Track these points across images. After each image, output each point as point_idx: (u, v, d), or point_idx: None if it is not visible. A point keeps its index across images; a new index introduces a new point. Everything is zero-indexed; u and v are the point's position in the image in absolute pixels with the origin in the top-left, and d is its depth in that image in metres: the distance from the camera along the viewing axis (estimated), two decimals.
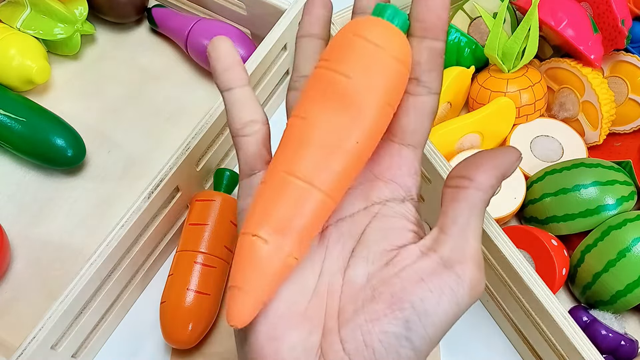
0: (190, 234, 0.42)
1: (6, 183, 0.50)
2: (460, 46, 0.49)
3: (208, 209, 0.42)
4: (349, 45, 0.24)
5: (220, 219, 0.42)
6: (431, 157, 0.40)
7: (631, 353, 0.39)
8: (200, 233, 0.41)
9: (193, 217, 0.42)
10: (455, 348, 0.43)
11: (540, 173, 0.45)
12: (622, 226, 0.41)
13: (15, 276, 0.46)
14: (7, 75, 0.50)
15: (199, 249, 0.41)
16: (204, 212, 0.42)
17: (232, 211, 0.43)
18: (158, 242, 0.45)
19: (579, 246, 0.42)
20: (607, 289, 0.40)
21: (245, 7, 0.52)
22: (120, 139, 0.52)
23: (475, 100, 0.49)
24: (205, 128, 0.42)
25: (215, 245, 0.41)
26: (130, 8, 0.55)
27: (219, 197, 0.43)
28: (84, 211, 0.48)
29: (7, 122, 0.47)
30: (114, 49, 0.57)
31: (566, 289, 0.45)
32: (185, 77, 0.55)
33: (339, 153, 0.23)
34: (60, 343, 0.38)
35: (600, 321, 0.40)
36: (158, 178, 0.40)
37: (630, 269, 0.39)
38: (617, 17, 0.46)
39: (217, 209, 0.42)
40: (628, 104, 0.49)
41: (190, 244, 0.41)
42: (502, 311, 0.42)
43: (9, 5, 0.52)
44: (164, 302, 0.40)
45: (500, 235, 0.37)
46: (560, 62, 0.49)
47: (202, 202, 0.43)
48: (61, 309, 0.36)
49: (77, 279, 0.37)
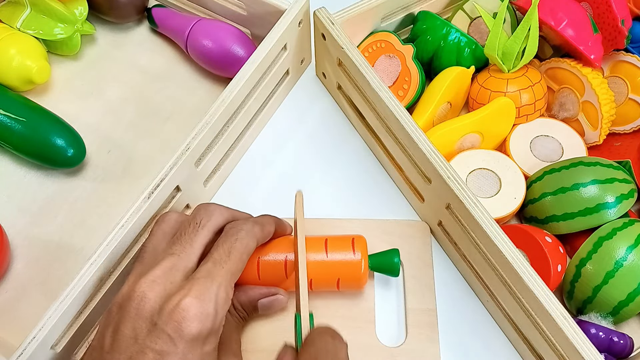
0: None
1: (6, 183, 0.50)
2: (460, 46, 0.49)
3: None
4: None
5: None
6: (431, 157, 0.40)
7: (624, 347, 0.39)
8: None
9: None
10: (455, 348, 0.43)
11: (539, 173, 0.45)
12: (612, 236, 0.40)
13: (15, 276, 0.45)
14: (7, 75, 0.50)
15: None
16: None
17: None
18: None
19: (573, 260, 0.42)
20: (609, 300, 0.40)
21: (245, 7, 0.52)
22: (120, 139, 0.52)
23: (475, 100, 0.49)
24: (205, 128, 0.42)
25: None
26: (130, 8, 0.55)
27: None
28: (84, 211, 0.48)
29: (7, 122, 0.47)
30: (114, 49, 0.57)
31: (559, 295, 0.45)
32: (185, 77, 0.55)
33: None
34: (60, 343, 0.38)
35: (588, 320, 0.40)
36: (158, 178, 0.40)
37: (629, 278, 0.39)
38: (617, 17, 0.46)
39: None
40: (628, 104, 0.49)
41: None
42: (502, 311, 0.42)
43: (9, 5, 0.52)
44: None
45: (500, 235, 0.37)
46: (560, 62, 0.49)
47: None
48: (61, 309, 0.36)
49: (77, 279, 0.37)
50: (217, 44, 0.51)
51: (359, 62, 0.44)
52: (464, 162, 0.46)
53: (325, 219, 0.47)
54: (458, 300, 0.45)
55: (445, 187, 0.40)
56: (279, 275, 0.40)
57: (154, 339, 0.30)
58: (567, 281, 0.42)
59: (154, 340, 0.30)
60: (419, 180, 0.44)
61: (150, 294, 0.31)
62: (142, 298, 0.31)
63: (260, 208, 0.48)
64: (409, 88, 0.49)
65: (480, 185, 0.45)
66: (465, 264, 0.44)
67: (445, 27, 0.49)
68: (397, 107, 0.42)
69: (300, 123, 0.53)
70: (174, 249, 0.34)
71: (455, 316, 0.44)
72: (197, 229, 0.35)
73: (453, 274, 0.46)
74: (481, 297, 0.45)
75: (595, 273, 0.40)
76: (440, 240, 0.47)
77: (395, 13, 0.52)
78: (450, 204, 0.41)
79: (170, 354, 0.29)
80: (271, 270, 0.40)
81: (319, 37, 0.49)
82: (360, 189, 0.50)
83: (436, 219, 0.45)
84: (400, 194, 0.50)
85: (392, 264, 0.41)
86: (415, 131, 0.41)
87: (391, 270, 0.42)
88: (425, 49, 0.50)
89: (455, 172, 0.40)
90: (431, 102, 0.48)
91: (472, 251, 0.42)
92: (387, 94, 0.43)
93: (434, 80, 0.50)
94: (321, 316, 0.43)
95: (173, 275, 0.32)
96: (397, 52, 0.49)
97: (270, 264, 0.40)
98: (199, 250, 0.34)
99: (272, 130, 0.53)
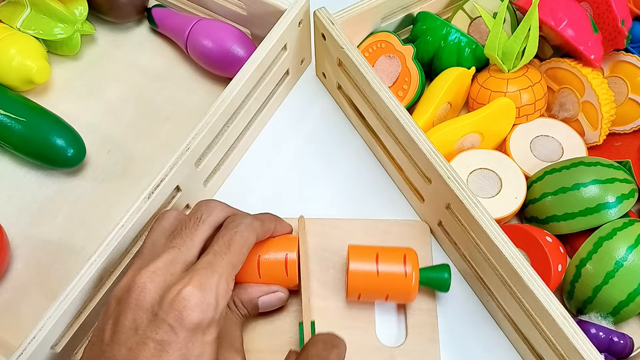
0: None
1: (6, 183, 0.50)
2: (460, 46, 0.49)
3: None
4: None
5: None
6: (431, 157, 0.40)
7: (624, 347, 0.39)
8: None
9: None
10: (455, 348, 0.43)
11: (540, 173, 0.45)
12: (612, 236, 0.40)
13: (15, 276, 0.45)
14: (7, 75, 0.50)
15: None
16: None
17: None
18: None
19: (573, 260, 0.42)
20: (609, 300, 0.40)
21: (245, 7, 0.52)
22: (120, 139, 0.52)
23: (475, 100, 0.49)
24: (205, 128, 0.42)
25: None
26: (130, 8, 0.55)
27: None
28: (84, 211, 0.48)
29: (7, 122, 0.47)
30: (114, 49, 0.57)
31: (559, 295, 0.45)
32: (185, 77, 0.55)
33: None
34: (60, 343, 0.38)
35: (588, 320, 0.40)
36: (158, 178, 0.40)
37: (629, 278, 0.39)
38: (617, 17, 0.46)
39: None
40: (628, 104, 0.49)
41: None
42: (502, 311, 0.42)
43: (9, 5, 0.52)
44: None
45: (500, 235, 0.37)
46: (560, 62, 0.49)
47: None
48: (61, 309, 0.36)
49: (77, 279, 0.37)
50: (217, 44, 0.51)
51: (359, 62, 0.44)
52: (465, 162, 0.46)
53: (325, 219, 0.47)
54: (458, 300, 0.45)
55: (445, 187, 0.40)
56: (280, 274, 0.40)
57: (154, 328, 0.30)
58: (567, 281, 0.42)
59: (154, 330, 0.30)
60: (419, 180, 0.44)
61: (151, 285, 0.31)
62: (143, 289, 0.31)
63: (260, 208, 0.48)
64: (408, 88, 0.49)
65: (481, 185, 0.45)
66: (465, 264, 0.44)
67: (446, 27, 0.49)
68: (397, 107, 0.42)
69: (300, 123, 0.53)
70: (175, 243, 0.34)
71: (455, 316, 0.44)
72: (197, 224, 0.35)
73: (453, 274, 0.46)
74: (481, 297, 0.45)
75: (596, 273, 0.40)
76: (440, 240, 0.47)
77: (395, 13, 0.52)
78: (450, 204, 0.41)
79: (172, 343, 0.29)
80: (272, 269, 0.40)
81: (319, 37, 0.49)
82: (360, 189, 0.50)
83: (436, 219, 0.45)
84: (400, 194, 0.50)
85: (443, 280, 0.41)
86: (415, 131, 0.41)
87: (441, 286, 0.42)
88: (425, 49, 0.50)
89: (455, 172, 0.40)
90: (432, 102, 0.48)
91: (472, 251, 0.42)
92: (387, 94, 0.43)
93: (434, 81, 0.50)
94: (321, 316, 0.43)
95: (173, 267, 0.32)
96: (397, 52, 0.49)
97: (270, 263, 0.40)
98: (199, 244, 0.34)
99: (272, 130, 0.53)
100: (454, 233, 0.43)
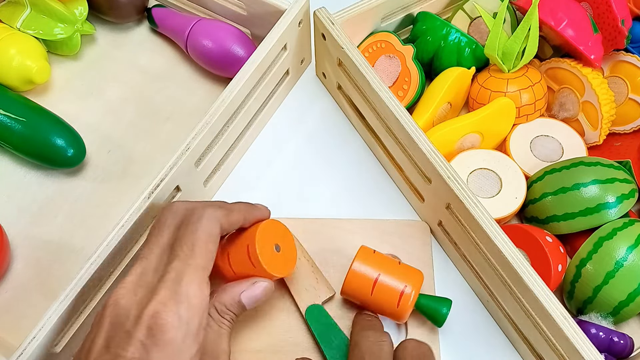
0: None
1: (6, 183, 0.50)
2: (460, 46, 0.49)
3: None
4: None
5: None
6: (431, 157, 0.40)
7: (624, 347, 0.39)
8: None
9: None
10: (455, 348, 0.43)
11: (540, 173, 0.45)
12: (612, 236, 0.40)
13: (15, 276, 0.45)
14: (7, 75, 0.50)
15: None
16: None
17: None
18: None
19: (573, 260, 0.42)
20: (609, 300, 0.40)
21: (245, 7, 0.52)
22: (120, 139, 0.52)
23: (475, 100, 0.49)
24: (205, 128, 0.42)
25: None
26: (130, 8, 0.55)
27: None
28: (84, 211, 0.48)
29: (7, 122, 0.47)
30: (114, 49, 0.57)
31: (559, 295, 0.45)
32: (185, 77, 0.55)
33: None
34: (61, 343, 0.38)
35: (588, 320, 0.40)
36: (158, 178, 0.40)
37: (629, 278, 0.39)
38: (617, 17, 0.46)
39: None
40: (628, 104, 0.49)
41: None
42: (502, 311, 0.42)
43: (9, 5, 0.52)
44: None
45: (500, 235, 0.37)
46: (560, 62, 0.49)
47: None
48: (61, 309, 0.36)
49: (77, 279, 0.37)
50: (217, 44, 0.51)
51: (359, 62, 0.44)
52: (465, 162, 0.46)
53: (325, 219, 0.47)
54: (458, 300, 0.45)
55: (445, 187, 0.40)
56: (249, 267, 0.38)
57: (125, 346, 0.29)
58: (568, 281, 0.42)
59: (125, 348, 0.29)
60: (419, 180, 0.44)
61: (122, 301, 0.31)
62: (115, 306, 0.31)
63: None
64: (408, 88, 0.49)
65: (481, 185, 0.45)
66: (465, 264, 0.44)
67: (445, 27, 0.49)
68: (397, 107, 0.42)
69: (300, 123, 0.53)
70: (143, 252, 0.33)
71: (455, 316, 0.44)
72: (162, 228, 0.34)
73: (453, 274, 0.46)
74: (481, 297, 0.45)
75: (596, 273, 0.40)
76: (440, 240, 0.47)
77: (395, 13, 0.52)
78: (450, 204, 0.41)
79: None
80: (241, 263, 0.38)
81: (319, 37, 0.49)
82: (360, 189, 0.50)
83: (436, 219, 0.45)
84: (400, 194, 0.50)
85: (439, 313, 0.40)
86: (415, 131, 0.41)
87: (435, 319, 0.41)
88: (425, 49, 0.50)
89: (455, 172, 0.40)
90: (432, 102, 0.48)
91: (472, 251, 0.42)
92: (387, 94, 0.43)
93: (434, 81, 0.50)
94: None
95: (144, 279, 0.32)
96: (397, 52, 0.49)
97: (237, 255, 0.38)
98: (167, 249, 0.33)
99: (272, 130, 0.53)
100: (454, 233, 0.43)
